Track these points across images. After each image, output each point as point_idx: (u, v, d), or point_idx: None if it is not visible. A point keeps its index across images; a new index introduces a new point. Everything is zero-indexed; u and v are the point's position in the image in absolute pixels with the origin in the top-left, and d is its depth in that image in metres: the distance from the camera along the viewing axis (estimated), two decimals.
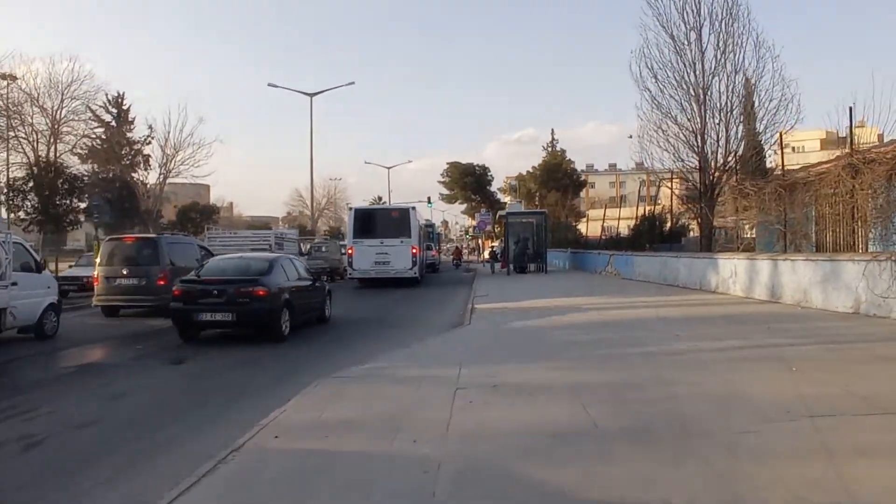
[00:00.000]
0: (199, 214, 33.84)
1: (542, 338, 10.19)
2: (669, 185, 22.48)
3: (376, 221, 26.44)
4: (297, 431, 5.33)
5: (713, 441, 4.70)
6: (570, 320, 12.38)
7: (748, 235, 19.07)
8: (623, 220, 31.71)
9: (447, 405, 5.93)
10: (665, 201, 25.33)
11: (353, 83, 45.25)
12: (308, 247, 32.99)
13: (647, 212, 26.09)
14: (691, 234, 24.59)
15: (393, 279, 25.13)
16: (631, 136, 24.47)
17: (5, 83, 32.01)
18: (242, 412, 6.53)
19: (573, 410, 5.62)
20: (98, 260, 17.47)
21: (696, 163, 19.88)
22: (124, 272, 16.66)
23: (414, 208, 27.72)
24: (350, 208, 28.86)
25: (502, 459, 4.46)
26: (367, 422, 5.52)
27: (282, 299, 12.05)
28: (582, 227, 38.96)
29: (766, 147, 20.85)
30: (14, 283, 11.69)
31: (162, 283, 16.47)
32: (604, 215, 31.20)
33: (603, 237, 30.32)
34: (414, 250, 25.75)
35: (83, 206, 30.87)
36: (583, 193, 74.72)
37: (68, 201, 29.86)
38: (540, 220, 31.41)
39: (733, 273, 15.76)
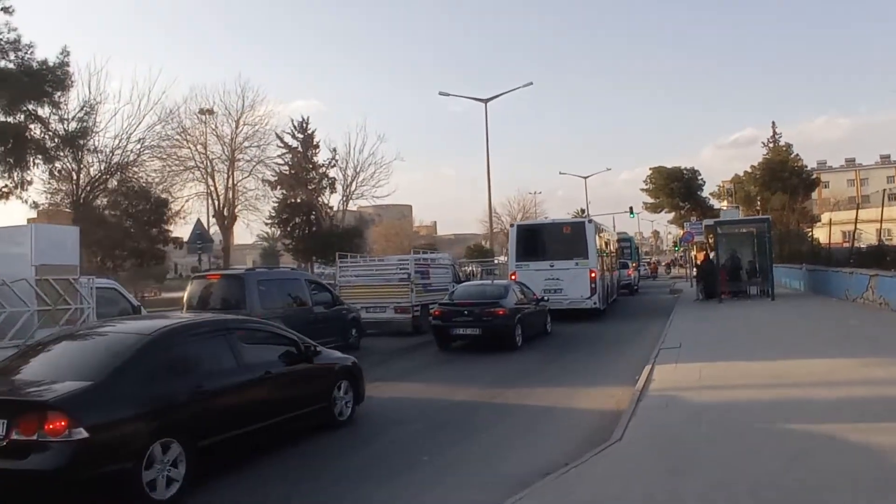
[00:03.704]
0: (340, 239, 30.41)
1: None
2: None
3: (544, 240, 20.55)
4: None
5: None
6: (828, 445, 5.54)
7: None
8: (885, 223, 21.90)
9: None
10: None
11: (530, 83, 39.75)
12: (479, 269, 28.11)
13: None
14: None
15: (567, 310, 18.97)
16: None
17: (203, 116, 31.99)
18: None
19: None
20: (184, 301, 14.03)
21: None
22: None
23: (590, 221, 21.19)
24: (512, 225, 22.93)
25: None
26: None
27: (516, 318, 14.02)
28: (817, 233, 28.86)
29: None
30: None
31: None
32: (856, 218, 21.59)
33: (850, 247, 21.01)
34: (592, 274, 19.36)
35: (174, 234, 27.55)
36: (814, 194, 60.74)
37: (157, 229, 26.43)
38: (762, 229, 22.79)
39: None
